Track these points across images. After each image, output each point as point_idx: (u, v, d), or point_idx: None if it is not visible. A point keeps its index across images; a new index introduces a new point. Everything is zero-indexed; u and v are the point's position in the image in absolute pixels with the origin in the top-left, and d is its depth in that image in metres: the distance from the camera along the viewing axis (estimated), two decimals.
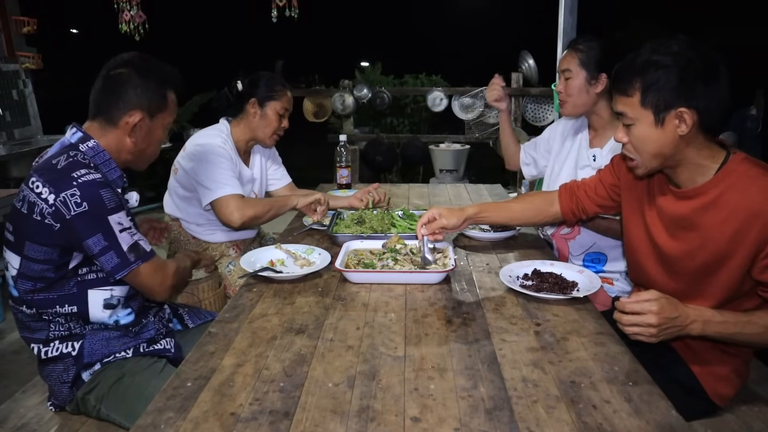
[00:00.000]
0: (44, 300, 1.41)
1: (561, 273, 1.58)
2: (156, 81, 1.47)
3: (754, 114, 6.39)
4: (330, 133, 6.58)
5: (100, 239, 1.35)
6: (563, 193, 1.72)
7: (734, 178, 1.27)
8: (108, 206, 1.36)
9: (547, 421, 0.94)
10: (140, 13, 4.37)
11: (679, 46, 1.24)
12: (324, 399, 1.02)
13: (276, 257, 1.74)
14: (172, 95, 1.52)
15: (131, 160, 1.53)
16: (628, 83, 1.28)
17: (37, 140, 4.81)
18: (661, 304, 1.17)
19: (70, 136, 1.45)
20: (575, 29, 3.77)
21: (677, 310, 1.19)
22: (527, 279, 1.57)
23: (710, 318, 1.23)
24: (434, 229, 1.63)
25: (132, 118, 1.44)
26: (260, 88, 2.17)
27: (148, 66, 1.48)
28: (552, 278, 1.54)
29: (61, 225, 1.33)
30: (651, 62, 1.24)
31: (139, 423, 0.95)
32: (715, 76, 1.22)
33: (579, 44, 1.90)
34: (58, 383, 1.46)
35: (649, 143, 1.29)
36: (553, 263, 1.64)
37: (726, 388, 1.41)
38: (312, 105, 6.44)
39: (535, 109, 6.23)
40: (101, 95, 1.45)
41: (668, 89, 1.23)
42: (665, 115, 1.25)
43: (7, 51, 4.75)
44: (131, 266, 1.39)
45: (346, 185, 2.81)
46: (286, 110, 2.21)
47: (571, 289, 1.48)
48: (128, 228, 1.40)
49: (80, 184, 1.33)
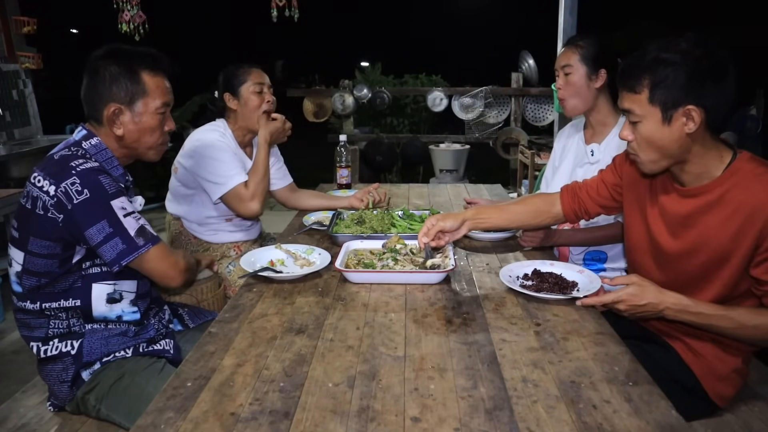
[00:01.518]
0: (49, 294, 1.41)
1: (561, 273, 1.57)
2: (122, 67, 1.43)
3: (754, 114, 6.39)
4: (330, 133, 6.59)
5: (105, 226, 1.33)
6: (565, 194, 1.71)
7: (740, 176, 1.27)
8: (109, 191, 1.35)
9: (547, 421, 0.94)
10: (140, 13, 4.37)
11: (688, 44, 1.24)
12: (324, 399, 1.02)
13: (276, 257, 1.74)
14: (151, 77, 1.46)
15: (134, 153, 1.52)
16: (636, 80, 1.28)
17: (37, 140, 4.81)
18: (630, 293, 1.28)
19: (76, 134, 1.47)
20: (575, 29, 3.77)
21: (645, 299, 1.27)
22: (527, 279, 1.57)
23: (685, 308, 1.28)
24: (433, 235, 1.62)
25: (109, 110, 1.43)
26: (228, 82, 2.18)
27: (114, 54, 1.45)
28: (552, 278, 1.54)
29: (65, 216, 1.33)
30: (660, 60, 1.24)
31: (139, 423, 0.95)
32: (724, 74, 1.22)
33: (578, 41, 1.90)
34: (58, 382, 1.46)
35: (656, 141, 1.28)
36: (553, 263, 1.64)
37: (726, 388, 1.41)
38: (312, 105, 6.44)
39: (535, 109, 6.23)
40: (84, 96, 1.47)
41: (677, 87, 1.23)
42: (673, 113, 1.24)
43: (7, 51, 4.75)
44: (140, 250, 1.37)
45: (346, 185, 2.81)
46: (260, 84, 2.18)
47: (571, 289, 1.48)
48: (132, 213, 1.39)
49: (79, 172, 1.33)
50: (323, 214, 2.28)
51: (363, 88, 6.22)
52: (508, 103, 6.24)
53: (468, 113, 6.18)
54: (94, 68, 1.44)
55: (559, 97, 1.96)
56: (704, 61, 1.22)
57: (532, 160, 5.00)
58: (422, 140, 6.41)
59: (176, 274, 1.47)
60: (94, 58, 1.45)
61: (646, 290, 1.28)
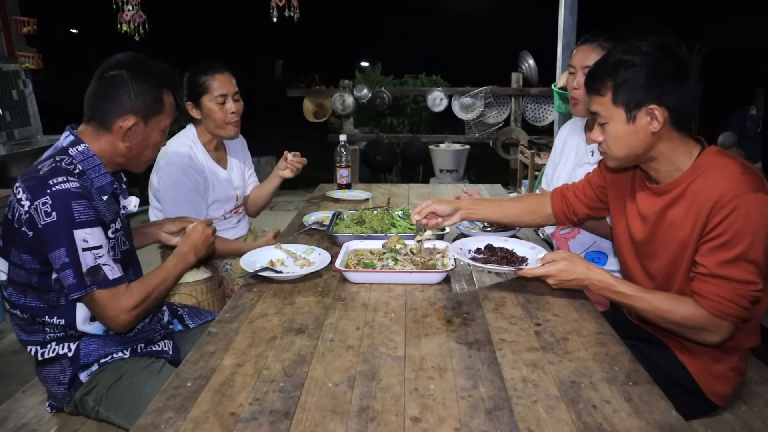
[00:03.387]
0: (35, 308, 1.39)
1: (513, 249, 1.65)
2: (150, 83, 1.42)
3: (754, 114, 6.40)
4: (330, 133, 6.59)
5: (63, 254, 1.27)
6: (555, 196, 1.75)
7: (702, 169, 1.30)
8: (76, 219, 1.28)
9: (547, 421, 0.94)
10: (140, 13, 4.37)
11: (649, 47, 1.29)
12: (324, 399, 1.02)
13: (276, 257, 1.74)
14: (168, 97, 1.47)
15: (126, 164, 1.49)
16: (600, 83, 1.33)
17: (37, 140, 4.82)
18: (559, 269, 1.38)
19: (63, 139, 1.41)
20: (575, 29, 3.78)
21: (573, 274, 1.37)
22: (479, 253, 1.64)
23: (607, 285, 1.36)
24: (425, 214, 1.66)
25: (126, 122, 1.40)
26: (190, 89, 2.11)
27: (142, 67, 1.42)
28: (502, 252, 1.61)
29: (33, 234, 1.29)
30: (621, 62, 1.30)
31: (139, 423, 0.95)
32: (685, 74, 1.27)
33: (602, 41, 1.86)
34: (55, 384, 1.45)
35: (623, 140, 1.33)
36: (507, 239, 1.71)
37: (723, 386, 1.41)
38: (312, 105, 6.44)
39: (535, 109, 6.24)
40: (94, 98, 1.41)
41: (638, 87, 1.27)
42: (636, 113, 1.29)
43: (7, 51, 4.74)
44: (85, 290, 1.29)
45: (346, 185, 2.81)
46: (223, 95, 2.09)
47: (520, 264, 1.55)
48: (94, 248, 1.30)
49: (53, 193, 1.27)
50: (323, 213, 2.28)
51: (363, 88, 6.22)
52: (508, 103, 6.25)
53: (468, 113, 6.18)
54: (116, 77, 1.39)
55: (572, 96, 1.94)
56: (664, 61, 1.27)
57: (532, 160, 5.00)
58: (422, 140, 6.41)
59: (113, 324, 1.37)
60: (116, 65, 1.41)
61: (575, 266, 1.38)
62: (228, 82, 2.12)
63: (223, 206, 2.24)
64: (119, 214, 1.49)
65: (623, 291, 1.34)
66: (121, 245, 1.48)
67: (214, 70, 2.11)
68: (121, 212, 1.51)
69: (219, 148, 2.26)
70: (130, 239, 1.56)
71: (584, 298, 1.46)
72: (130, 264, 1.54)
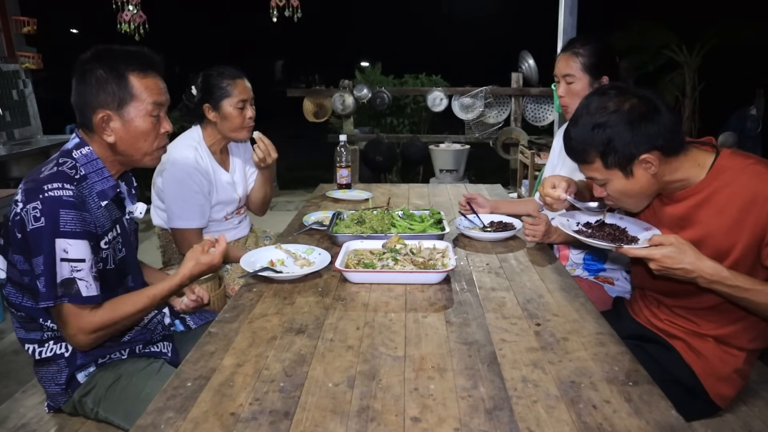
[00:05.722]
0: (31, 308, 1.38)
1: (626, 227, 1.46)
2: (110, 71, 1.35)
3: (754, 114, 6.40)
4: (330, 133, 6.59)
5: (41, 261, 1.25)
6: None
7: (727, 174, 1.30)
8: (61, 228, 1.26)
9: (547, 421, 0.94)
10: (140, 13, 4.37)
11: (613, 101, 1.29)
12: (324, 399, 1.01)
13: (276, 257, 1.74)
14: (137, 78, 1.37)
15: (126, 161, 1.45)
16: (584, 153, 1.34)
17: (37, 140, 4.81)
18: (666, 255, 1.22)
19: (70, 141, 1.41)
20: (575, 29, 3.77)
21: (681, 263, 1.21)
22: (588, 227, 1.50)
23: (722, 279, 1.22)
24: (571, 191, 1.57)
25: (97, 117, 1.36)
26: (210, 91, 2.10)
27: (100, 58, 1.36)
28: (610, 229, 1.45)
29: (22, 236, 1.28)
30: (596, 126, 1.30)
31: (139, 423, 0.95)
32: (655, 107, 1.28)
33: (577, 47, 1.87)
34: (53, 385, 1.44)
35: (628, 192, 1.36)
36: (623, 217, 1.51)
37: (727, 388, 1.41)
38: (312, 105, 6.44)
39: (535, 109, 6.24)
40: (73, 103, 1.38)
41: (623, 145, 1.28)
42: (631, 167, 1.30)
43: (7, 51, 4.75)
44: (56, 300, 1.27)
45: (346, 185, 2.81)
46: (243, 101, 2.11)
47: (629, 243, 1.37)
48: (74, 260, 1.28)
49: (44, 199, 1.26)
50: (323, 213, 2.28)
51: (363, 88, 6.22)
52: (508, 103, 6.25)
53: (468, 113, 6.18)
54: (81, 73, 1.36)
55: (561, 104, 1.95)
56: (635, 107, 1.27)
57: (532, 160, 5.00)
58: (422, 140, 6.41)
59: (70, 340, 1.34)
60: (81, 62, 1.37)
61: (684, 254, 1.23)
62: (247, 87, 2.15)
63: (225, 208, 2.24)
64: (120, 221, 1.47)
65: (740, 284, 1.22)
66: (117, 253, 1.45)
67: (236, 76, 2.13)
68: (124, 218, 1.50)
69: (223, 151, 2.27)
70: (130, 246, 1.52)
71: (584, 298, 1.46)
72: (127, 272, 1.51)
